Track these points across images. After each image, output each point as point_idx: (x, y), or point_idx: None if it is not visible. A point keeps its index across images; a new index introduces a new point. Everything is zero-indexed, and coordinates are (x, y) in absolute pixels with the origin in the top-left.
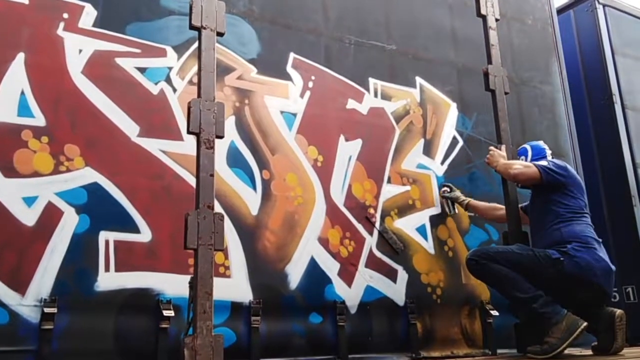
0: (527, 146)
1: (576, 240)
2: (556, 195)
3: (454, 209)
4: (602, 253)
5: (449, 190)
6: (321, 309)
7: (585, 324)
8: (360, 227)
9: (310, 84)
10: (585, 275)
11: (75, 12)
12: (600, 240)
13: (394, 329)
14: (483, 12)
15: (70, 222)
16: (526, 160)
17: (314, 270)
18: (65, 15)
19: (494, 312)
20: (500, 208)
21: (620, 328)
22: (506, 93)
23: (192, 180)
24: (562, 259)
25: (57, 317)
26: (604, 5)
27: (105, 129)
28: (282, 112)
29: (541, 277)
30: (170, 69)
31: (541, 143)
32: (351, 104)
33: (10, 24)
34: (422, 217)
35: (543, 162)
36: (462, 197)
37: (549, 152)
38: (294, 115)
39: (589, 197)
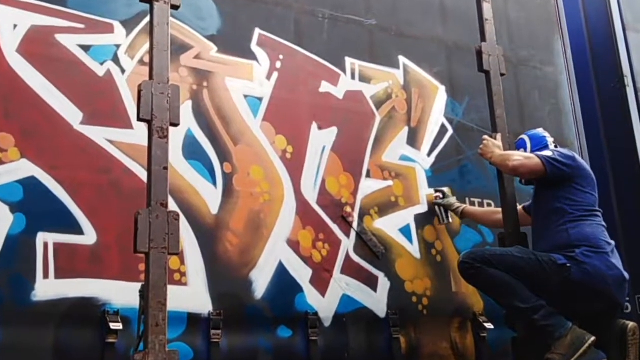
0: (525, 137)
1: (586, 244)
2: (563, 191)
3: (447, 217)
4: (615, 259)
5: (441, 196)
6: (291, 321)
7: (593, 338)
8: (335, 228)
9: (278, 64)
10: (594, 285)
11: None
12: (613, 243)
13: (374, 344)
14: None
15: (3, 222)
16: (525, 152)
17: (282, 277)
18: None
19: (489, 325)
20: (500, 212)
21: (634, 343)
22: (502, 75)
23: (143, 174)
24: (568, 265)
25: None
26: None
27: (43, 116)
28: (245, 97)
29: (544, 285)
30: (118, 46)
31: (541, 131)
32: (325, 87)
33: None
34: (406, 216)
35: (547, 152)
36: (457, 204)
37: (550, 140)
38: (260, 99)
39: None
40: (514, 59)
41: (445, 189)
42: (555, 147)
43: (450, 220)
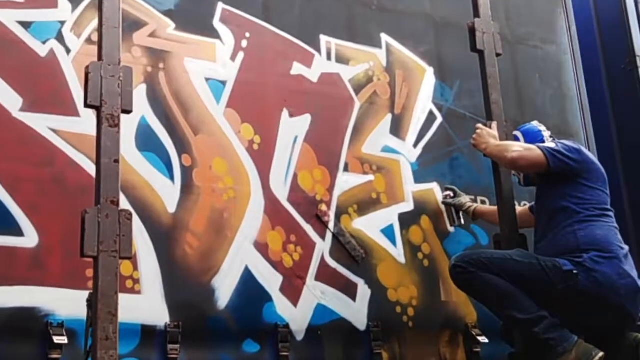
0: (518, 132)
1: (595, 248)
2: (569, 187)
3: (459, 218)
4: (629, 266)
5: (452, 195)
6: (258, 334)
7: (601, 354)
8: (309, 229)
9: (244, 43)
10: (604, 295)
11: None
12: (627, 248)
13: (353, 359)
14: None
15: None
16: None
17: (249, 284)
18: None
19: (483, 339)
20: (519, 210)
21: None
22: (498, 55)
23: (91, 168)
24: (576, 272)
25: None
26: None
27: None
28: (207, 80)
29: (547, 294)
30: (62, 23)
31: (535, 124)
32: (297, 69)
33: None
34: (389, 215)
35: (549, 144)
36: (469, 203)
37: (547, 134)
38: (223, 83)
39: None
40: (512, 37)
41: (455, 188)
42: (553, 140)
43: (463, 221)
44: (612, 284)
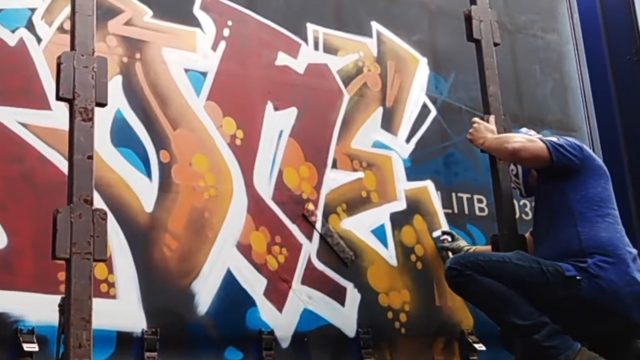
0: None
1: (601, 252)
2: (570, 185)
3: None
4: (637, 271)
5: (450, 239)
6: (241, 341)
7: None
8: (295, 229)
9: (226, 32)
10: (609, 304)
11: None
12: (635, 252)
13: None
14: None
15: None
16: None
17: (231, 288)
18: None
19: (479, 346)
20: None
21: None
22: (496, 44)
23: (63, 165)
24: (579, 277)
25: None
26: None
27: None
28: (187, 71)
29: (548, 300)
30: (33, 11)
31: (523, 130)
32: (282, 59)
33: None
34: (380, 215)
35: (551, 137)
36: (467, 247)
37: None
38: (204, 74)
39: None
40: (510, 25)
41: (454, 232)
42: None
43: None
44: (617, 292)
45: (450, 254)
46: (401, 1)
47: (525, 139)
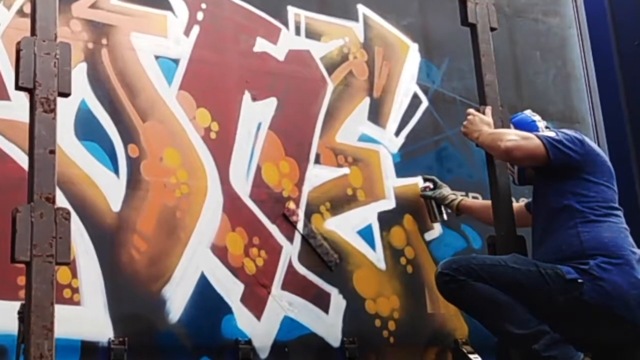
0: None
1: (603, 253)
2: (570, 183)
3: (440, 213)
4: None
5: (432, 186)
6: (216, 351)
7: None
8: (274, 230)
9: (200, 16)
10: (612, 307)
11: None
12: (639, 252)
13: None
14: None
15: None
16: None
17: (205, 293)
18: None
19: (475, 357)
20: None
21: None
22: (493, 29)
23: (23, 160)
24: (580, 280)
25: None
26: None
27: None
28: (157, 58)
29: (547, 306)
30: None
31: (528, 114)
32: (261, 45)
33: None
34: (366, 214)
35: (549, 133)
36: (452, 196)
37: (542, 124)
38: (176, 62)
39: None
40: (508, 9)
41: (436, 178)
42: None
43: (446, 217)
44: (621, 295)
45: (433, 203)
46: None
47: (520, 136)
